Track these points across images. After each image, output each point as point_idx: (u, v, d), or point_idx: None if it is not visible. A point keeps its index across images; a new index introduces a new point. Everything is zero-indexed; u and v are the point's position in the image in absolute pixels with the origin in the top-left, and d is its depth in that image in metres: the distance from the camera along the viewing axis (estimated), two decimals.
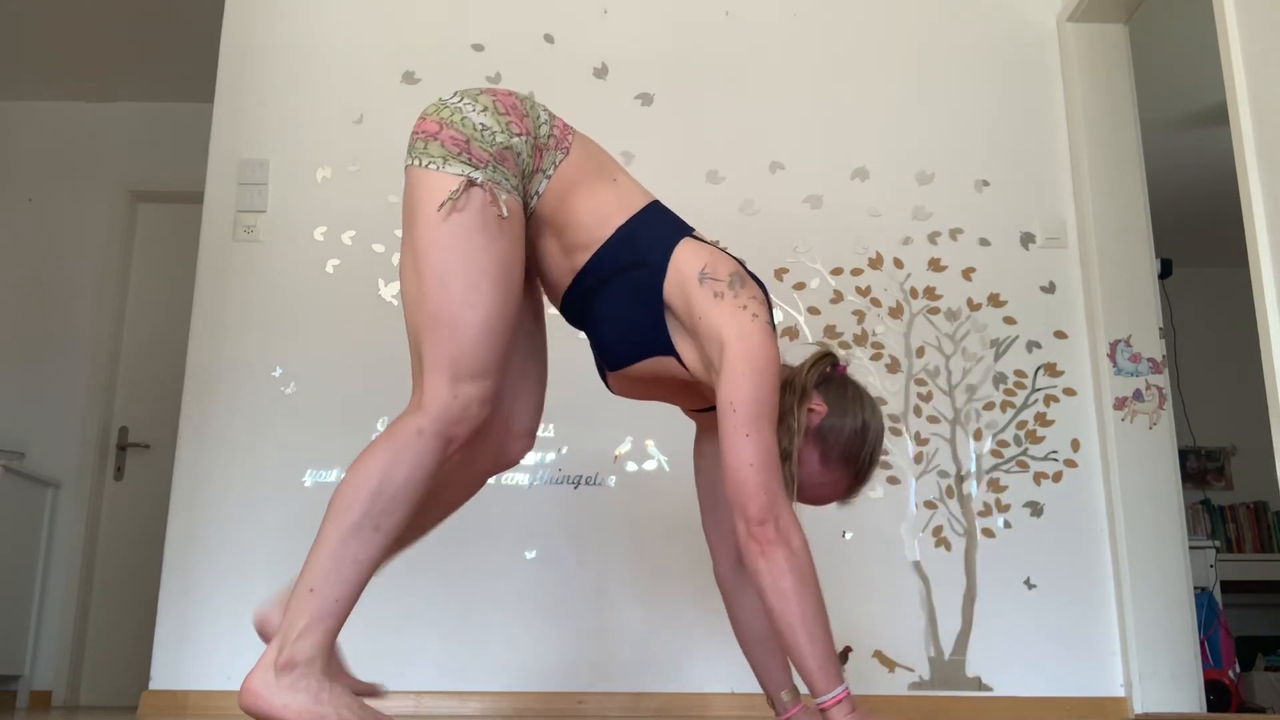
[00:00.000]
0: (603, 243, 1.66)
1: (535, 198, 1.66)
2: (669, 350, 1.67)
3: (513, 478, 3.15)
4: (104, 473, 4.65)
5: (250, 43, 3.44)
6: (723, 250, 1.69)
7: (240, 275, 3.26)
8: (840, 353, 1.83)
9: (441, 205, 1.55)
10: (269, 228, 3.30)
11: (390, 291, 3.25)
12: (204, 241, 3.29)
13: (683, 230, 1.70)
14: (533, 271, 1.79)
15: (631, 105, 3.42)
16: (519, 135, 1.62)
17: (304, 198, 3.32)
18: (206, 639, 2.98)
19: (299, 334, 3.22)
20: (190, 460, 3.13)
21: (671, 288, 1.64)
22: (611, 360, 1.72)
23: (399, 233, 3.28)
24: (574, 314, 1.76)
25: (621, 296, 1.66)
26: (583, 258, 1.67)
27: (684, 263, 1.64)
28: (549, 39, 3.46)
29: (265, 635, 1.64)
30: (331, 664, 1.52)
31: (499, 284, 1.56)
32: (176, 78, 4.66)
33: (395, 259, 3.27)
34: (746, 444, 1.54)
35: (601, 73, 3.44)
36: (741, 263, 1.69)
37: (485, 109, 1.62)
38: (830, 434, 1.69)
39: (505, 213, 1.56)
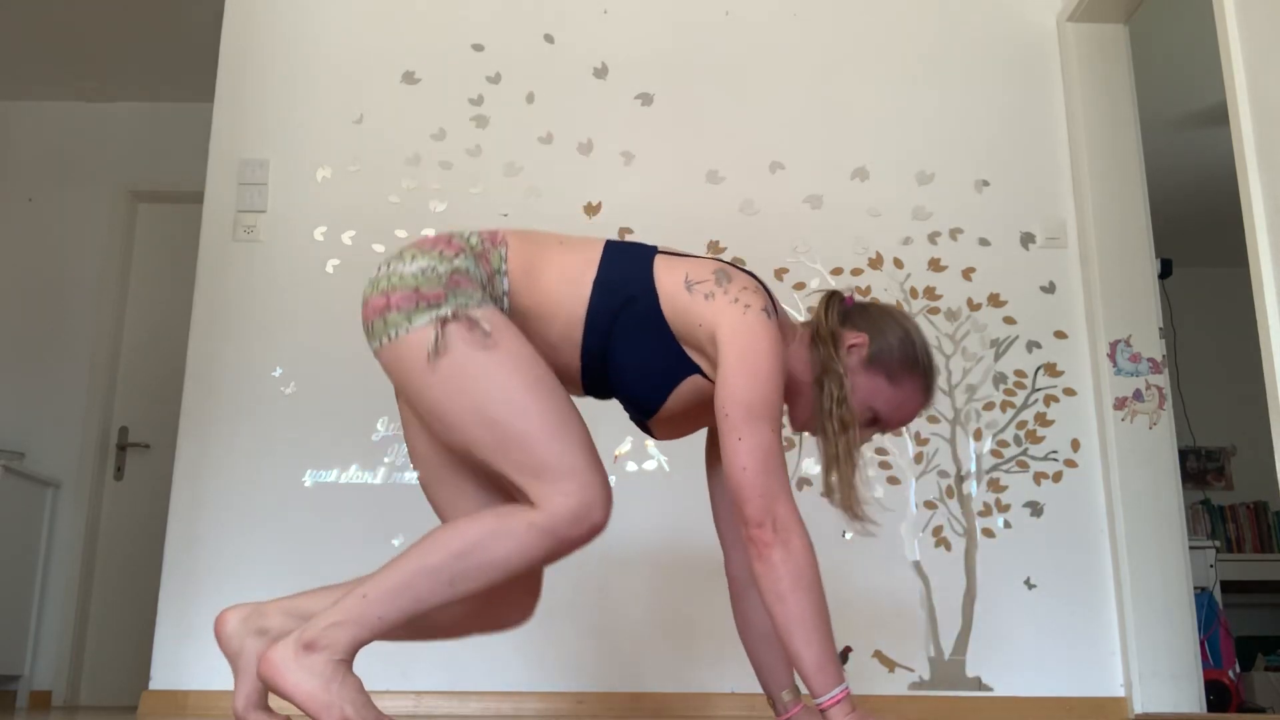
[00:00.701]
0: (587, 303, 1.64)
1: (505, 297, 1.64)
2: (692, 368, 1.66)
3: None
4: (104, 473, 4.65)
5: (250, 43, 3.44)
6: (697, 256, 1.70)
7: (240, 275, 3.26)
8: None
9: (430, 358, 1.53)
10: (269, 228, 3.30)
11: None
12: (204, 241, 3.29)
13: (649, 252, 1.69)
14: None
15: (631, 105, 3.42)
16: (457, 255, 1.60)
17: (304, 198, 3.32)
18: (206, 639, 2.98)
19: (299, 334, 3.22)
20: (190, 460, 3.13)
21: (666, 308, 1.63)
22: (646, 406, 1.70)
23: (400, 233, 3.29)
24: (598, 387, 1.73)
25: (629, 340, 1.64)
26: (578, 331, 1.65)
27: (666, 279, 1.64)
28: (549, 39, 3.46)
29: (219, 636, 1.64)
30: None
31: (530, 383, 1.54)
32: (176, 78, 4.66)
33: None
34: (740, 448, 1.54)
35: (601, 73, 3.44)
36: (730, 264, 1.69)
37: (414, 256, 1.60)
38: (882, 355, 1.69)
39: (488, 328, 1.55)
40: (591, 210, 3.33)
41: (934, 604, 3.09)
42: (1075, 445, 3.21)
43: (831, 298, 1.74)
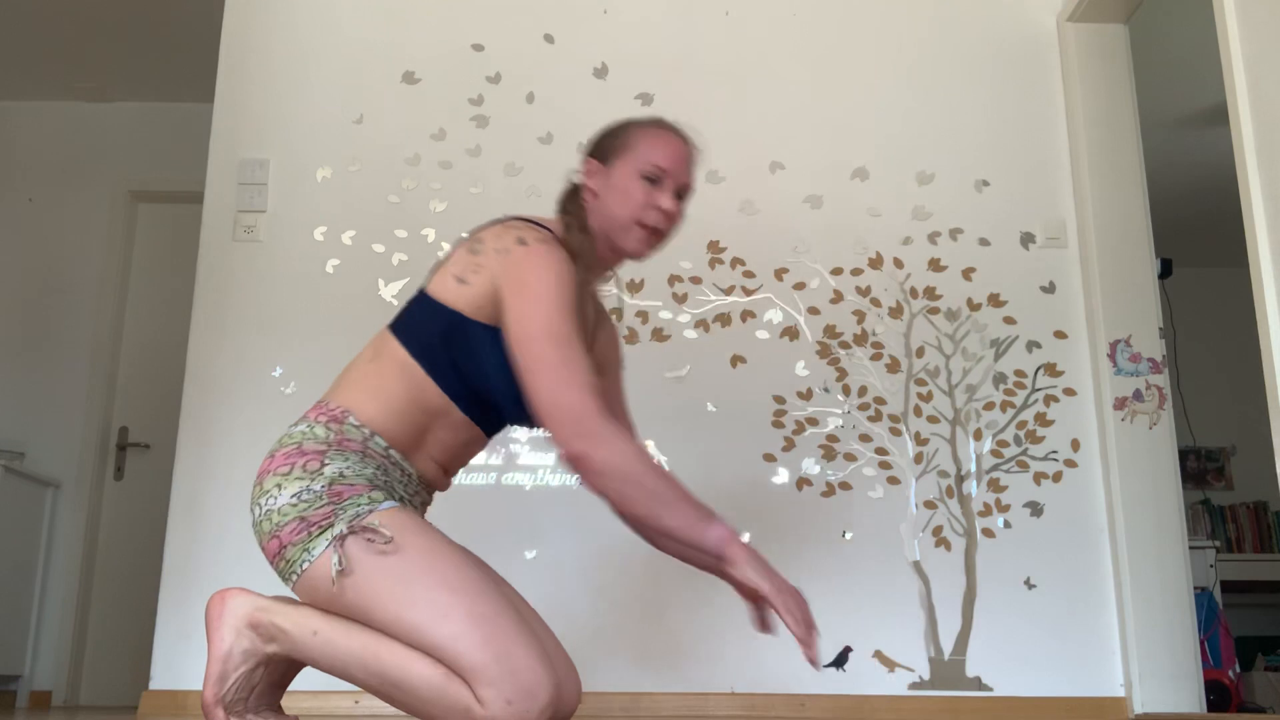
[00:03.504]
0: (430, 377, 1.64)
1: (390, 450, 1.63)
2: None
3: (513, 478, 3.15)
4: (104, 473, 4.65)
5: (250, 43, 3.44)
6: (450, 251, 1.73)
7: (240, 275, 3.26)
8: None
9: (334, 582, 1.49)
10: (269, 228, 3.30)
11: (390, 291, 3.25)
12: (204, 241, 3.29)
13: (419, 291, 1.71)
14: None
15: (631, 105, 3.42)
16: (324, 464, 1.57)
17: (304, 198, 3.32)
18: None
19: (299, 334, 3.22)
20: (190, 460, 3.13)
21: (469, 312, 1.64)
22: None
23: (400, 233, 3.30)
24: (495, 424, 1.72)
25: (473, 366, 1.64)
26: (450, 404, 1.66)
27: (447, 294, 1.65)
28: (549, 39, 3.46)
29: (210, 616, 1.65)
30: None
31: (447, 578, 1.50)
32: (176, 78, 4.66)
33: (395, 259, 3.28)
34: (530, 381, 1.56)
35: (601, 73, 3.44)
36: (480, 228, 1.72)
37: (280, 485, 1.56)
38: (606, 144, 1.80)
39: (389, 534, 1.50)
40: None
41: (934, 604, 3.09)
42: (1075, 445, 3.21)
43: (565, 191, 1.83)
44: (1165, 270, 4.19)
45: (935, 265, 3.32)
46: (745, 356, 3.24)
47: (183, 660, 2.98)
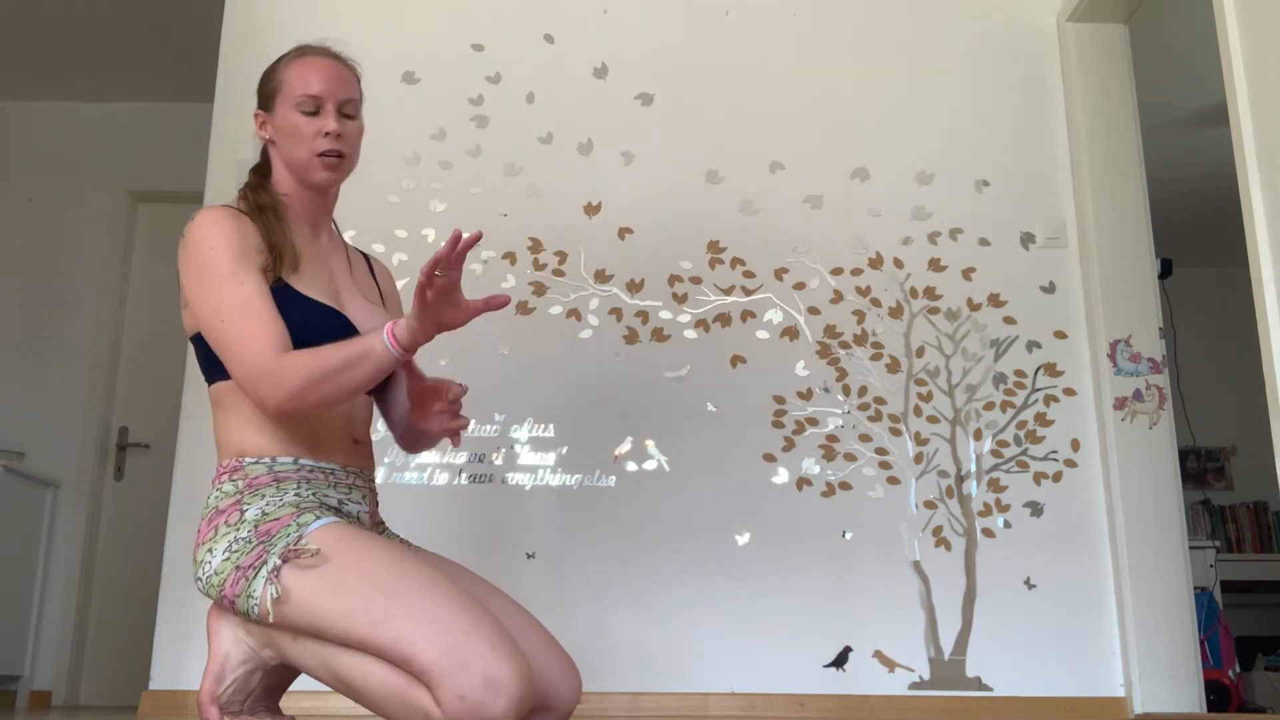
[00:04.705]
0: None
1: (295, 461, 1.64)
2: None
3: (513, 478, 3.15)
4: (104, 473, 4.65)
5: (250, 43, 3.44)
6: None
7: None
8: None
9: (269, 615, 1.49)
10: None
11: None
12: None
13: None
14: None
15: (631, 105, 3.42)
16: (243, 510, 1.58)
17: None
18: (205, 639, 2.98)
19: None
20: (190, 460, 3.13)
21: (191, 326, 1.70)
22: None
23: (400, 233, 3.30)
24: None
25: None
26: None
27: (189, 323, 1.70)
28: (549, 39, 3.46)
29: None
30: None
31: (380, 580, 1.48)
32: (176, 78, 4.66)
33: (395, 259, 3.28)
34: (222, 360, 1.62)
35: (601, 73, 3.44)
36: None
37: (210, 549, 1.57)
38: (265, 94, 1.79)
39: (315, 548, 1.50)
40: (591, 210, 3.33)
41: (934, 604, 3.09)
42: (1075, 445, 3.21)
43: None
44: (1165, 270, 4.19)
45: (935, 265, 3.32)
46: (745, 356, 3.24)
47: (183, 660, 2.98)
